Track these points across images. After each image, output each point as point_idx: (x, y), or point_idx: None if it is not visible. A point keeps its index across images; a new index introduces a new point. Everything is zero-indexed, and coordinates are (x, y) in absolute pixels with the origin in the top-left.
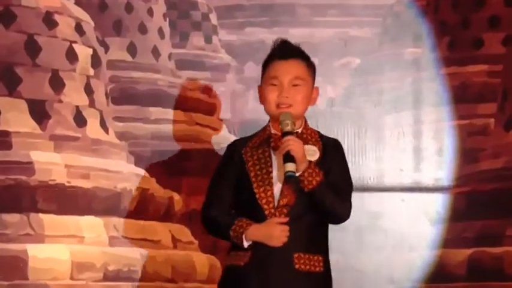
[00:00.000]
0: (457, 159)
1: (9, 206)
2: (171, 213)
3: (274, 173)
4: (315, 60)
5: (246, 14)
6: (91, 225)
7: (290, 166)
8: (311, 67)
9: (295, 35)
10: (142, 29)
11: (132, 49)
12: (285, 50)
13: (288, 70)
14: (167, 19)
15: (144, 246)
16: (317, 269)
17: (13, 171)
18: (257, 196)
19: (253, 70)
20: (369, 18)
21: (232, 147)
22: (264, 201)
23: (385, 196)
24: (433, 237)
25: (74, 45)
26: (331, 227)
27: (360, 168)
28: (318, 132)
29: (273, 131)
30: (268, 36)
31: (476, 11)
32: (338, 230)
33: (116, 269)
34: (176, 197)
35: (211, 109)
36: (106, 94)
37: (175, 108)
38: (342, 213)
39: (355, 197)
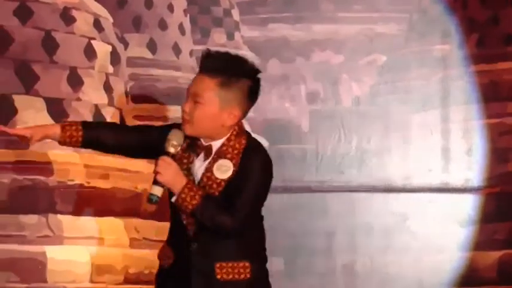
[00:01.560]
0: (486, 159)
1: (27, 207)
2: None
3: (196, 179)
4: (339, 57)
5: (269, 10)
6: (111, 227)
7: (154, 189)
8: (228, 85)
9: (318, 32)
10: (163, 25)
11: (152, 46)
12: (204, 62)
13: (195, 84)
14: (188, 15)
15: None
16: (242, 276)
17: (31, 172)
18: (178, 210)
19: (276, 67)
20: (395, 14)
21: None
22: (184, 216)
23: (413, 197)
24: (462, 239)
25: (92, 41)
26: (354, 229)
27: (386, 168)
28: (247, 143)
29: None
30: (291, 33)
31: (505, 7)
32: (365, 232)
33: (137, 272)
34: None
35: None
36: (125, 92)
37: None
38: (225, 227)
39: (381, 198)
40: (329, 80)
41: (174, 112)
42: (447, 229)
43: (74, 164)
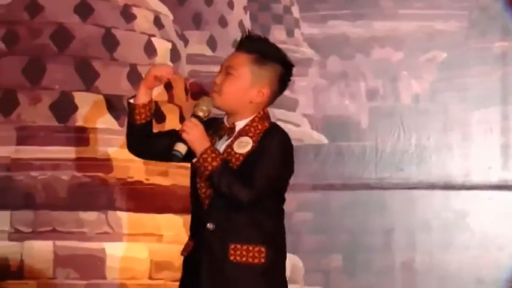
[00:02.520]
0: None
1: (86, 204)
2: None
3: None
4: (399, 54)
5: (329, 7)
6: (170, 224)
7: (179, 146)
8: (261, 64)
9: (378, 28)
10: (223, 22)
11: (212, 43)
12: (241, 42)
13: (230, 58)
14: (248, 12)
15: None
16: (256, 260)
17: (90, 169)
18: (198, 185)
19: (336, 64)
20: (455, 11)
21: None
22: (202, 190)
23: (472, 194)
24: None
25: (152, 39)
26: (413, 227)
27: (445, 165)
28: (270, 126)
29: (224, 119)
30: (351, 30)
31: None
32: (424, 230)
33: None
34: None
35: (293, 105)
36: (185, 89)
37: None
38: (240, 198)
39: (441, 195)
40: (389, 77)
41: None
42: (507, 226)
43: (134, 161)
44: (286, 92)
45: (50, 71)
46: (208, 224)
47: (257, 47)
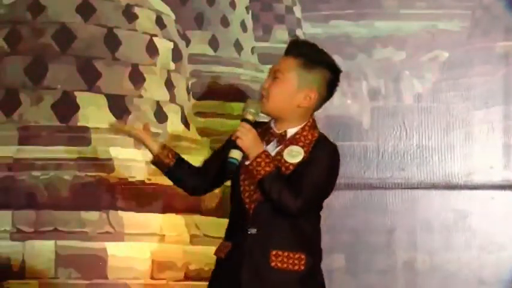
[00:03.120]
0: None
1: (88, 203)
2: None
3: None
4: (401, 53)
5: (331, 7)
6: (172, 224)
7: (234, 153)
8: (309, 68)
9: (381, 28)
10: (225, 22)
11: (214, 43)
12: (289, 47)
13: (278, 63)
14: (250, 12)
15: None
16: (296, 267)
17: (92, 168)
18: (241, 189)
19: (340, 64)
20: (459, 10)
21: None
22: (246, 194)
23: (474, 194)
24: None
25: (154, 38)
26: (414, 227)
27: (447, 165)
28: (319, 136)
29: (271, 125)
30: (354, 30)
31: None
32: (425, 229)
33: (197, 268)
34: None
35: None
36: (187, 89)
37: None
38: (288, 206)
39: (442, 195)
40: (391, 77)
41: (236, 109)
42: (508, 226)
43: (136, 161)
44: None
45: (52, 71)
46: (250, 229)
47: (305, 52)
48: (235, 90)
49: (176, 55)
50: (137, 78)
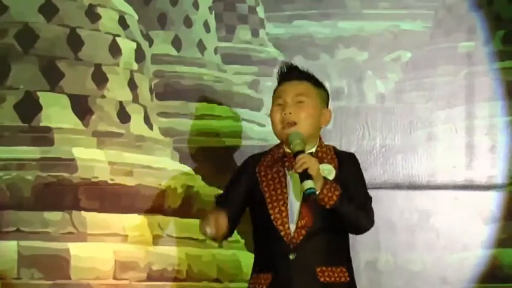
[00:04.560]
0: (511, 156)
1: (51, 204)
2: None
3: (289, 193)
4: (364, 54)
5: (295, 7)
6: (134, 224)
7: (310, 183)
8: (319, 87)
9: (344, 28)
10: (188, 22)
11: (177, 43)
12: (290, 73)
13: (292, 88)
14: (213, 12)
15: (189, 245)
16: (342, 279)
17: (55, 168)
18: (272, 217)
19: (301, 64)
20: (422, 11)
21: (249, 162)
22: (279, 222)
23: (437, 194)
24: (487, 237)
25: (117, 39)
26: (377, 226)
27: (410, 165)
28: (334, 148)
29: (287, 150)
30: (317, 30)
31: None
32: (388, 229)
33: (160, 269)
34: None
35: (258, 105)
36: (150, 89)
37: (221, 103)
38: (365, 224)
39: (405, 195)
40: (354, 77)
41: (199, 109)
42: (471, 226)
43: (99, 161)
44: (251, 92)
45: (14, 71)
46: (290, 256)
47: (308, 74)
48: (198, 90)
49: (139, 55)
50: (100, 78)
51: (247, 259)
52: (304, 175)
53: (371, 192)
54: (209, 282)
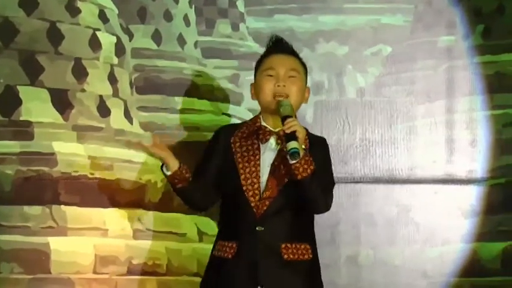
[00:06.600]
0: (491, 150)
1: (30, 198)
2: None
3: (261, 166)
4: (345, 48)
5: (275, 1)
6: (115, 218)
7: (295, 144)
8: (303, 66)
9: (325, 22)
10: (168, 16)
11: (157, 37)
12: (281, 46)
13: (284, 62)
14: (193, 6)
15: (170, 239)
16: (305, 256)
17: (35, 163)
18: (244, 188)
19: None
20: (401, 5)
21: (221, 132)
22: (250, 193)
23: (417, 188)
24: (467, 231)
25: (97, 33)
26: (357, 221)
27: (390, 159)
28: (307, 130)
29: (263, 124)
30: (297, 24)
31: None
32: (368, 223)
33: (141, 263)
34: None
35: (238, 99)
36: (130, 83)
37: (202, 97)
38: (321, 208)
39: (385, 189)
40: (334, 71)
41: (179, 103)
42: (451, 220)
43: (79, 155)
44: (232, 86)
45: None
46: (258, 227)
47: (294, 51)
48: (179, 84)
49: (119, 49)
50: (80, 72)
51: None
52: (291, 137)
53: (351, 186)
54: (189, 277)
